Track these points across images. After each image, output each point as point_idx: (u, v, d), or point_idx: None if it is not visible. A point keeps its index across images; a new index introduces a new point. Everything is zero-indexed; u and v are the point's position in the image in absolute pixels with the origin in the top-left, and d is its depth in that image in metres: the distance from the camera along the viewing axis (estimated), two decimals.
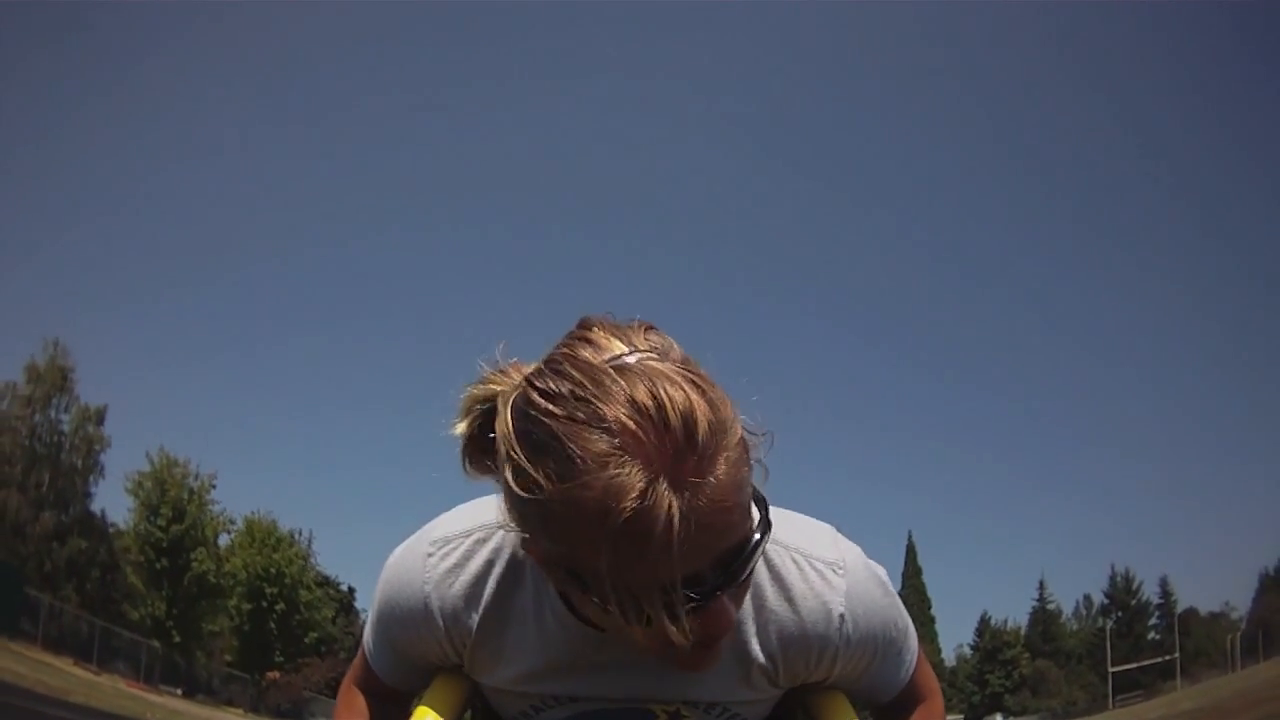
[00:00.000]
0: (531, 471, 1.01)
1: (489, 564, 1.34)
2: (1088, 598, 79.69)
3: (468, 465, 1.24)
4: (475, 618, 1.34)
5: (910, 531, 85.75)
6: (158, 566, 38.89)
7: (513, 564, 1.32)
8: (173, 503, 39.40)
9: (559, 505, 0.99)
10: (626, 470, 0.95)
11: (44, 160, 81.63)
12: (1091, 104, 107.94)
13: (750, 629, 1.31)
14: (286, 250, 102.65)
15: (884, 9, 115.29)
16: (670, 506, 0.94)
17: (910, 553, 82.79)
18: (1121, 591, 73.70)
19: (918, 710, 1.55)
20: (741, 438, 1.03)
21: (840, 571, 1.33)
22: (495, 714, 1.54)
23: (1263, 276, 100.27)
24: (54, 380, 43.97)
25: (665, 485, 0.94)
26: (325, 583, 56.96)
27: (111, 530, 46.71)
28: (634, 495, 0.94)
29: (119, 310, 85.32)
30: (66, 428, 44.60)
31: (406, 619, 1.38)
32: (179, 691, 37.15)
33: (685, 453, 0.96)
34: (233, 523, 45.23)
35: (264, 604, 45.59)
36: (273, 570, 45.73)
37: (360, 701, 1.54)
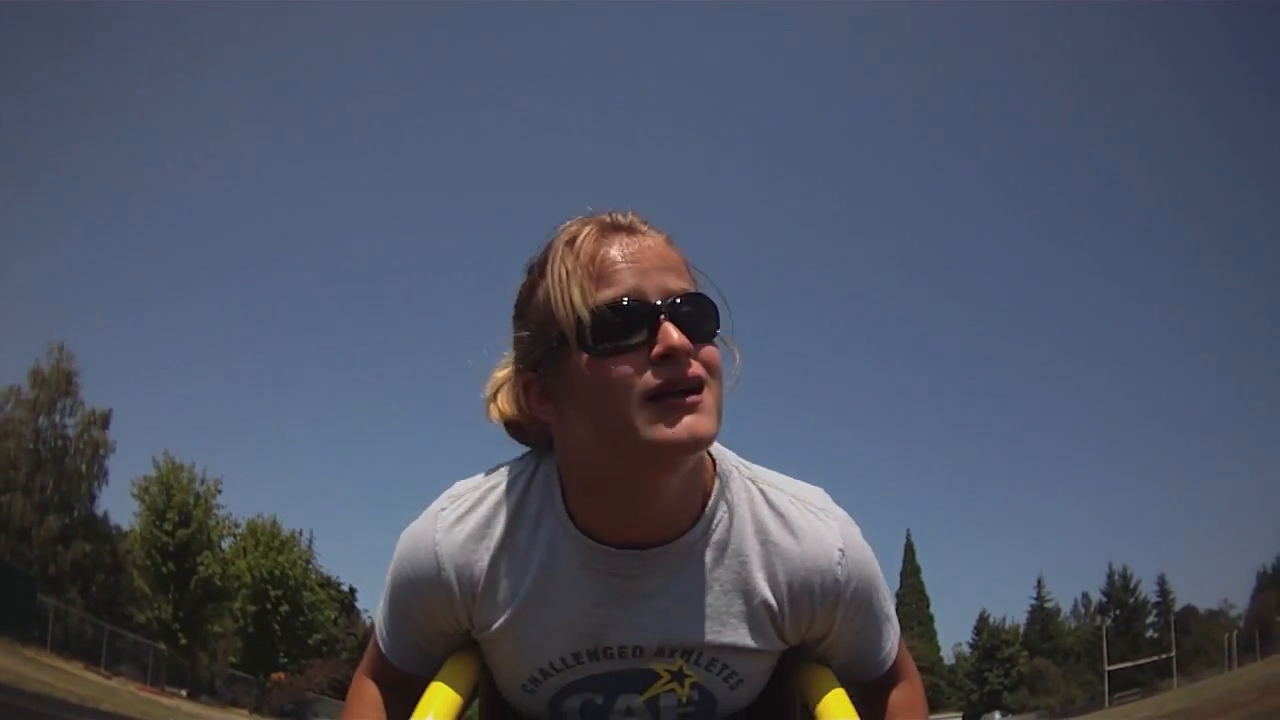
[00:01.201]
0: (522, 285, 1.42)
1: (497, 506, 1.43)
2: (1086, 596, 79.78)
3: (495, 404, 1.55)
4: (485, 559, 1.41)
5: (909, 530, 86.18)
6: (164, 570, 38.50)
7: (520, 503, 1.43)
8: (179, 507, 39.03)
9: (535, 276, 1.38)
10: (578, 224, 1.36)
11: (46, 162, 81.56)
12: (1091, 103, 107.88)
13: (755, 564, 1.42)
14: (288, 253, 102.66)
15: (885, 8, 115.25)
16: (603, 224, 1.35)
17: (909, 551, 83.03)
18: (1119, 590, 73.58)
19: (901, 687, 1.62)
20: (681, 251, 1.39)
21: (833, 518, 1.47)
22: (503, 697, 1.60)
23: (1262, 275, 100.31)
24: (58, 384, 43.99)
25: (604, 222, 1.36)
26: (327, 584, 56.64)
27: (115, 533, 46.76)
28: (576, 224, 1.36)
29: (122, 314, 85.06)
30: (71, 432, 44.71)
31: (417, 578, 1.44)
32: (184, 693, 36.94)
33: (623, 223, 1.36)
34: (237, 526, 44.86)
35: (268, 606, 45.06)
36: (277, 572, 45.24)
37: (371, 691, 1.58)
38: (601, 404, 1.27)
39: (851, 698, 1.51)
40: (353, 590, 69.04)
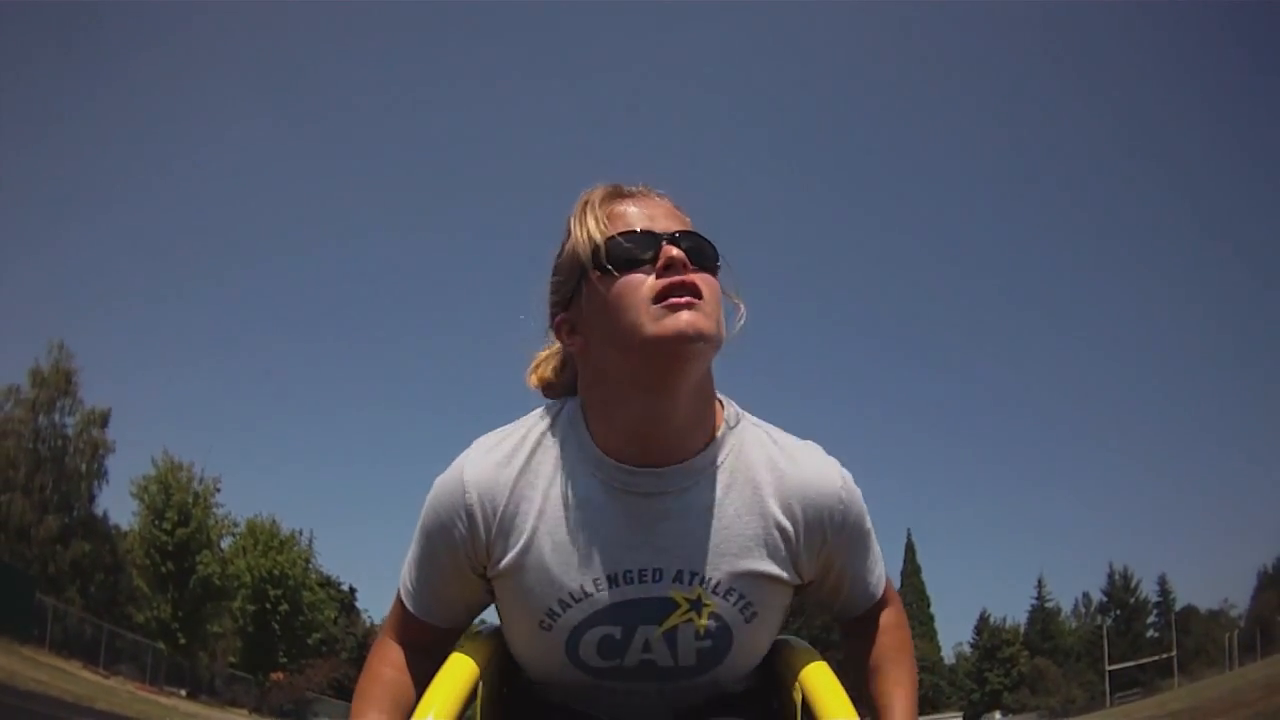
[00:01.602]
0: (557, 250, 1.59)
1: (523, 438, 1.55)
2: (1086, 596, 79.59)
3: (535, 374, 1.72)
4: (508, 482, 1.50)
5: (909, 530, 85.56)
6: (163, 570, 38.53)
7: (544, 433, 1.55)
8: (178, 506, 39.05)
9: (564, 237, 1.56)
10: (593, 188, 1.57)
11: (46, 161, 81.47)
12: (1092, 101, 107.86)
13: (768, 489, 1.52)
14: (288, 252, 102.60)
15: (883, 6, 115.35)
16: (616, 187, 1.57)
17: (909, 551, 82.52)
18: (1120, 590, 73.53)
19: (889, 611, 1.74)
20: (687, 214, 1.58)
21: (827, 454, 1.61)
22: (521, 674, 1.69)
23: (1262, 274, 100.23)
24: (58, 383, 43.93)
25: (617, 187, 1.58)
26: (327, 583, 56.63)
27: (115, 533, 46.70)
28: (591, 189, 1.56)
29: (121, 313, 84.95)
30: (70, 431, 44.63)
31: (443, 507, 1.52)
32: (183, 693, 36.95)
33: (633, 189, 1.58)
34: (236, 525, 44.89)
35: (268, 605, 45.09)
36: (276, 572, 45.22)
37: (393, 652, 1.64)
38: (613, 313, 1.43)
39: (846, 629, 1.74)
40: (353, 590, 69.15)
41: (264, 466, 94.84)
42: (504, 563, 1.50)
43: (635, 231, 1.47)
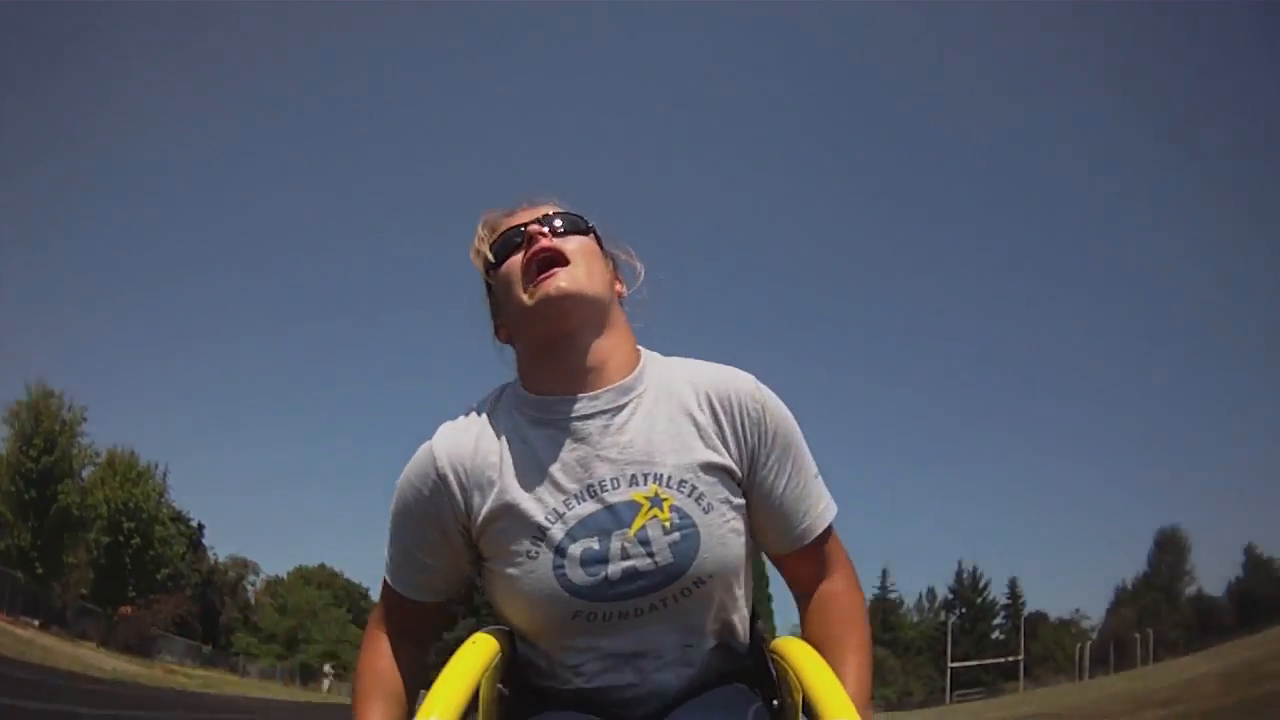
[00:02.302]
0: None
1: (478, 410, 1.74)
2: (932, 591, 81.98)
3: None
4: (471, 444, 1.67)
5: None
6: (26, 497, 38.59)
7: (494, 402, 1.75)
8: (45, 434, 39.18)
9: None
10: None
11: None
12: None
13: (689, 394, 1.70)
14: (160, 188, 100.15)
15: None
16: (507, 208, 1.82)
17: None
18: (968, 588, 76.05)
19: (835, 578, 1.80)
20: (593, 230, 1.79)
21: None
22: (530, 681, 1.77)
23: (1134, 282, 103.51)
24: None
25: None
26: (177, 518, 55.96)
27: None
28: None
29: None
30: None
31: (418, 479, 1.67)
32: (36, 623, 36.31)
33: (521, 204, 1.82)
34: (97, 455, 45.12)
35: (121, 538, 45.33)
36: (131, 505, 45.49)
37: (384, 644, 1.77)
38: (505, 296, 1.71)
39: (799, 597, 1.82)
40: (200, 526, 67.57)
41: (130, 398, 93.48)
42: (484, 512, 1.64)
43: (509, 229, 1.74)
